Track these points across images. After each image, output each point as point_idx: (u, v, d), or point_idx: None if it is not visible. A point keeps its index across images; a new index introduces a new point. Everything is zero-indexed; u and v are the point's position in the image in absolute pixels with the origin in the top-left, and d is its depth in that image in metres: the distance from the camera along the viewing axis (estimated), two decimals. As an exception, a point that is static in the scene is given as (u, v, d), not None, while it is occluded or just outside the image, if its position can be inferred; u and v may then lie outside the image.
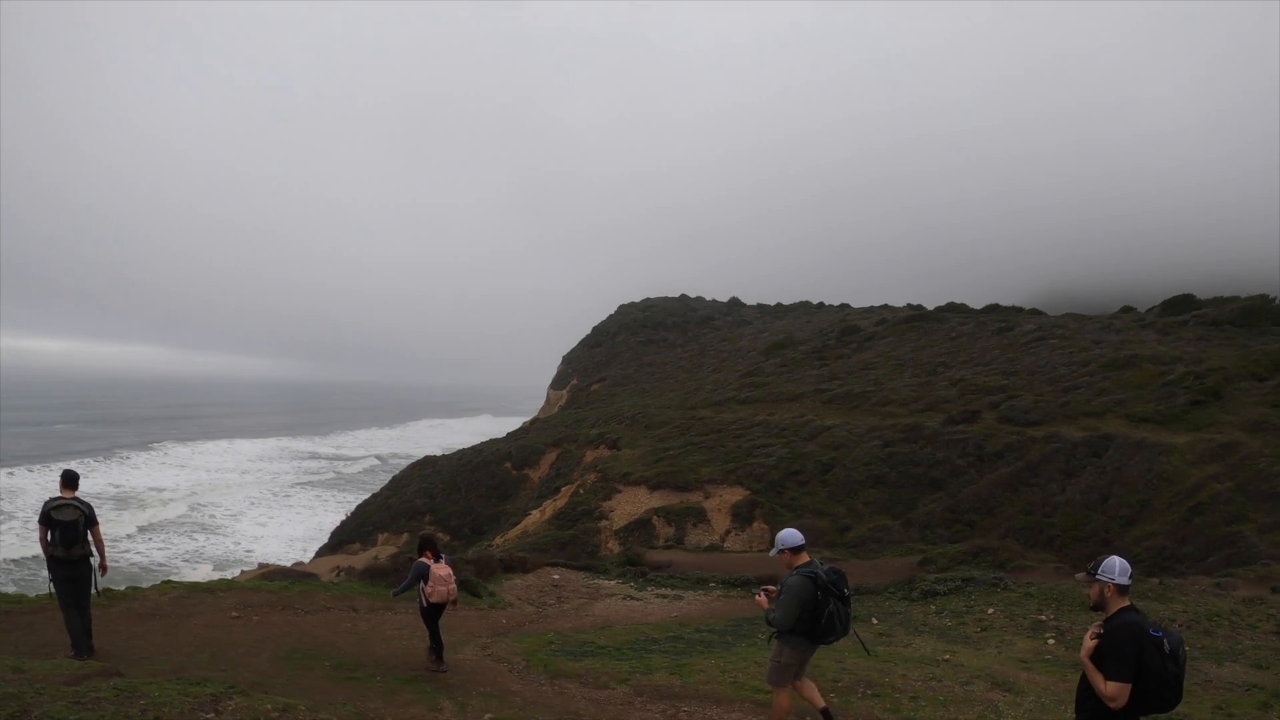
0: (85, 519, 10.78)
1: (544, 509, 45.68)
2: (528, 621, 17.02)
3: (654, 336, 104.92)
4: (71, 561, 10.76)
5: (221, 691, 8.18)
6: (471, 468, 64.66)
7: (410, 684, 10.95)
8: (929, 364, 54.69)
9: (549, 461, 59.49)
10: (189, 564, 69.67)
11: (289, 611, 15.17)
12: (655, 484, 40.60)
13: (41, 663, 9.45)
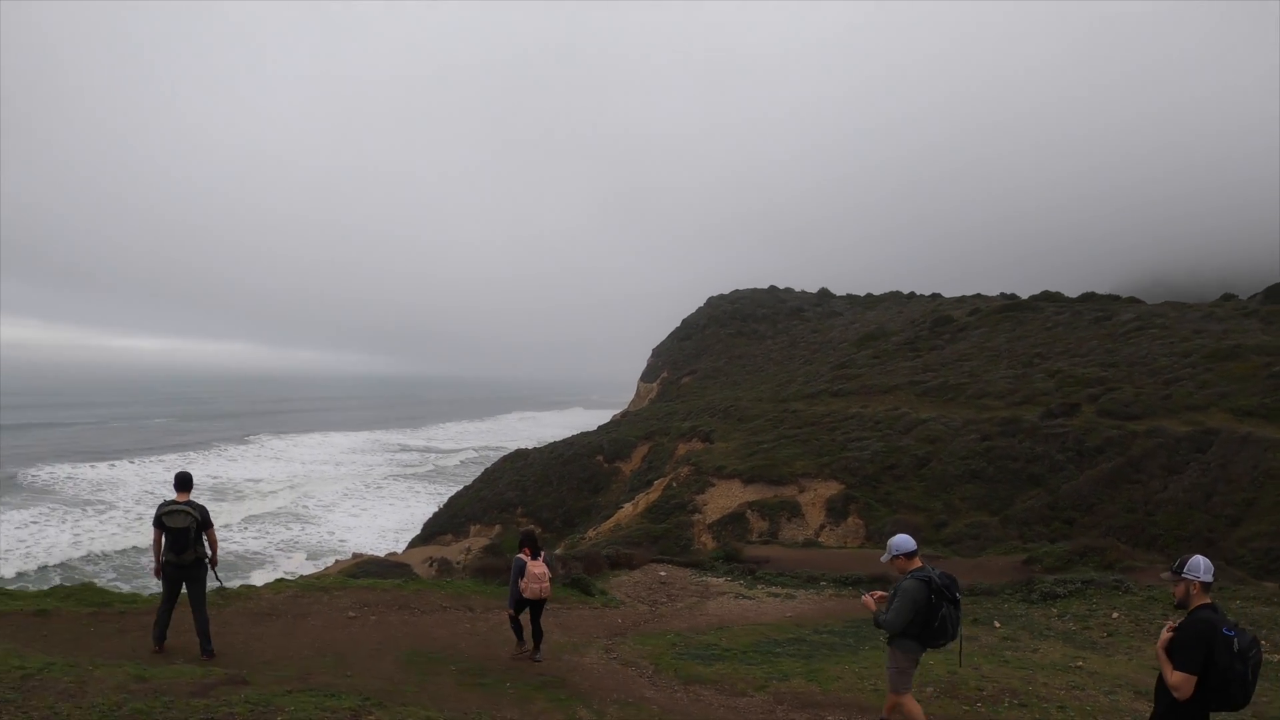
0: (197, 524, 10.75)
1: (636, 502, 45.71)
2: (643, 621, 16.72)
3: (744, 328, 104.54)
4: (183, 565, 10.75)
5: (358, 705, 8.17)
6: (563, 460, 64.93)
7: (541, 690, 10.78)
8: (1025, 355, 53.62)
9: (640, 454, 59.54)
10: (284, 553, 71.21)
11: (405, 611, 14.97)
12: (749, 477, 40.24)
13: (163, 669, 9.39)
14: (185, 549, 10.62)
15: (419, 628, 13.90)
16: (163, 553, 10.82)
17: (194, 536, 10.68)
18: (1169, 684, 6.20)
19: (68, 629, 11.72)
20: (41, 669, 8.41)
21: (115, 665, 9.06)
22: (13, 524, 75.81)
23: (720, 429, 53.78)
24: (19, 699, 7.29)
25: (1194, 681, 6.04)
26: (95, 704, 7.32)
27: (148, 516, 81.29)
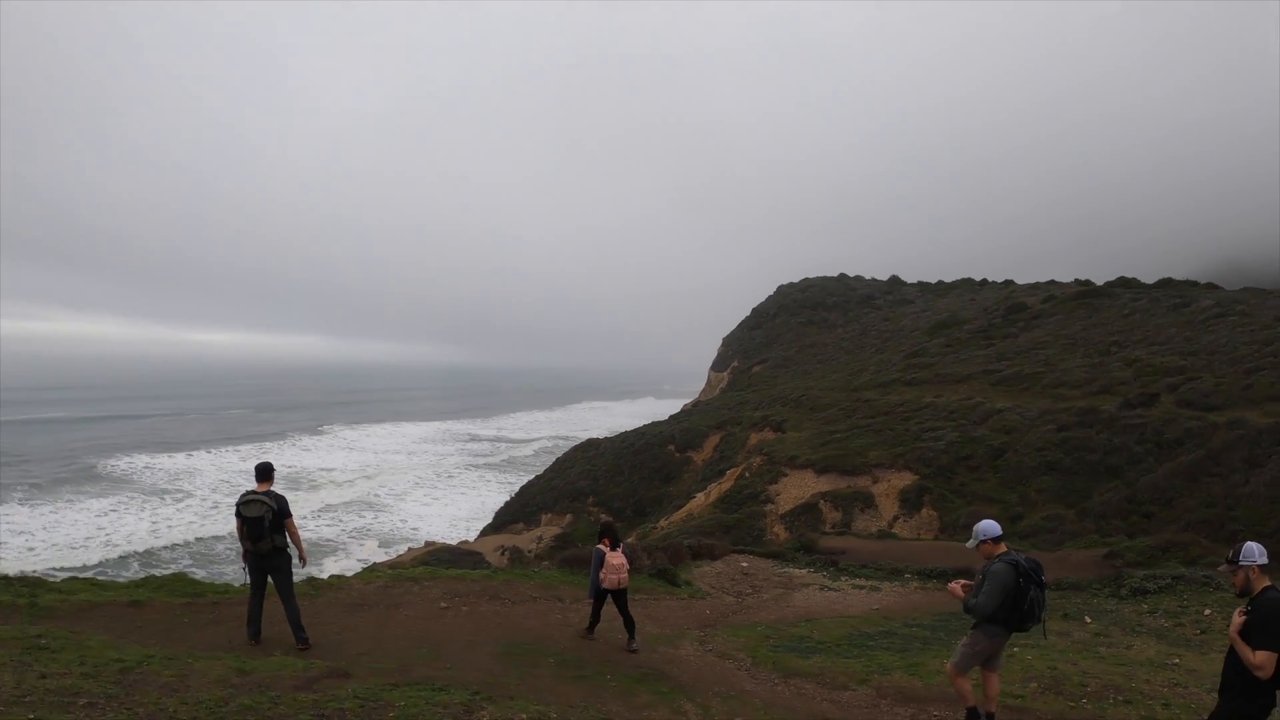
0: (274, 513, 10.69)
1: (709, 492, 45.79)
2: (730, 612, 16.54)
3: (814, 317, 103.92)
4: (260, 554, 10.78)
5: (468, 699, 8.14)
6: (634, 450, 65.13)
7: (642, 683, 10.73)
8: (1101, 343, 52.76)
9: (712, 444, 59.57)
10: (356, 540, 72.46)
11: (496, 601, 14.95)
12: (822, 467, 40.07)
13: (263, 661, 9.44)
14: (261, 538, 10.65)
15: (511, 618, 13.90)
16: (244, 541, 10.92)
17: (269, 525, 10.67)
18: (1252, 664, 6.33)
19: (162, 620, 11.81)
20: (140, 662, 8.48)
21: (214, 658, 9.19)
22: (93, 512, 78.18)
23: (792, 418, 53.64)
24: (122, 694, 7.28)
25: (1275, 659, 6.23)
26: (201, 699, 7.35)
27: (224, 505, 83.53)
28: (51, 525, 72.69)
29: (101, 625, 11.02)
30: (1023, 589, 8.19)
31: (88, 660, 8.36)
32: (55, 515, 76.38)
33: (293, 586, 11.22)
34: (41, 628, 10.02)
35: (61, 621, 10.93)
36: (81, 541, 67.40)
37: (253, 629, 11.02)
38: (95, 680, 7.60)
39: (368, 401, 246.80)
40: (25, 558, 61.36)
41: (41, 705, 6.58)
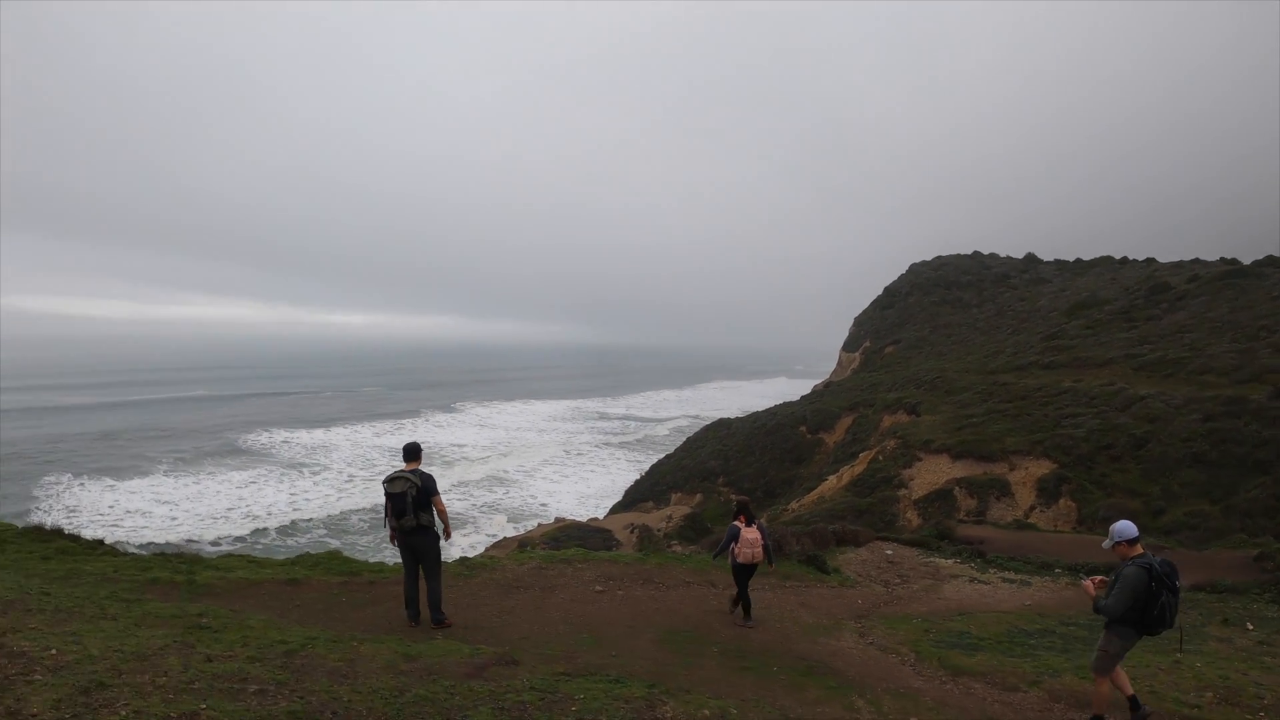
0: (418, 490, 10.75)
1: (841, 475, 45.64)
2: (881, 602, 16.21)
3: (947, 296, 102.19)
4: (404, 531, 10.88)
5: (648, 693, 8.12)
6: (766, 430, 65.20)
7: (809, 676, 10.58)
8: (1250, 327, 50.69)
9: (844, 426, 59.28)
10: (485, 515, 74.20)
11: (650, 586, 14.89)
12: (958, 453, 39.49)
13: (427, 644, 9.50)
14: (404, 514, 10.74)
15: (666, 604, 13.85)
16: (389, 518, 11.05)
17: (412, 503, 10.75)
18: None
19: (320, 599, 12.00)
20: (304, 644, 8.57)
21: (378, 641, 9.29)
22: (233, 484, 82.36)
23: (927, 401, 53.07)
24: (291, 680, 7.29)
25: None
26: (374, 688, 7.35)
27: (359, 479, 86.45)
28: (195, 496, 76.44)
29: (260, 604, 11.31)
30: (1154, 593, 8.22)
31: (251, 641, 8.48)
32: (198, 486, 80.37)
33: (439, 566, 11.39)
34: (202, 605, 10.36)
35: (221, 599, 11.28)
36: (223, 512, 70.68)
37: (411, 610, 11.26)
38: (261, 664, 7.65)
39: (499, 380, 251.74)
40: (169, 527, 64.70)
41: (210, 692, 6.57)
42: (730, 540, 12.86)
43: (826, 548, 19.94)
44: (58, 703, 5.83)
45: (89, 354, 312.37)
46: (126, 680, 6.51)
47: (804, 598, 15.29)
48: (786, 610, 13.90)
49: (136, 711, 5.86)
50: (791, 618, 13.43)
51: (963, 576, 18.53)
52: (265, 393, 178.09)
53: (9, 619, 7.89)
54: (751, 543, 12.72)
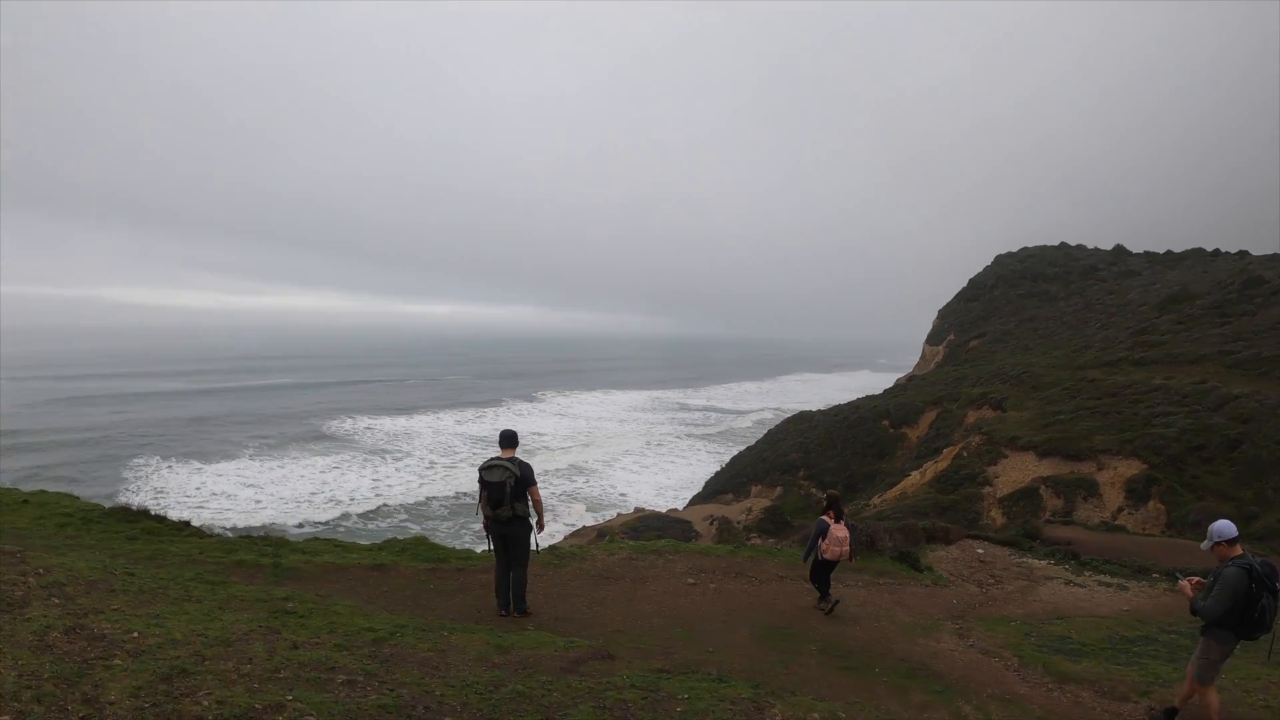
0: (516, 480, 10.52)
1: (924, 470, 45.23)
2: (977, 603, 15.75)
3: (1034, 289, 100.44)
4: (501, 521, 10.67)
5: (754, 695, 7.91)
6: (848, 424, 64.77)
7: (911, 678, 10.43)
8: (1349, 323, 49.54)
9: (928, 421, 58.72)
10: (564, 504, 74.81)
11: (742, 580, 14.60)
12: (1044, 450, 38.90)
13: (518, 635, 9.38)
14: (501, 504, 10.53)
15: (760, 598, 13.62)
16: (483, 506, 10.83)
17: (510, 493, 10.53)
18: None
19: (407, 585, 11.88)
20: (393, 633, 8.46)
21: (468, 630, 9.20)
22: (317, 469, 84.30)
23: (1013, 396, 52.34)
24: (380, 670, 7.15)
25: None
26: (468, 682, 7.19)
27: (439, 465, 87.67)
28: (279, 480, 78.22)
29: (346, 589, 11.23)
30: (1254, 595, 8.05)
31: (337, 628, 8.39)
32: (282, 470, 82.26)
33: (528, 555, 11.20)
34: (287, 589, 10.26)
35: (306, 583, 11.22)
36: (306, 496, 72.19)
37: (502, 599, 11.16)
38: (349, 653, 7.54)
39: (580, 370, 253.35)
40: (253, 510, 66.32)
41: (298, 682, 6.42)
42: (819, 535, 12.81)
43: (917, 544, 19.55)
44: (137, 690, 5.73)
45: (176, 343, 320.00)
46: (210, 667, 6.43)
47: (899, 596, 15.11)
48: (882, 608, 13.80)
49: (220, 701, 5.75)
50: (888, 616, 13.29)
51: (1057, 579, 18.01)
52: (348, 380, 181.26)
53: (92, 599, 7.88)
54: (840, 540, 12.71)
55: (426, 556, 13.53)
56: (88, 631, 6.80)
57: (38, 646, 6.23)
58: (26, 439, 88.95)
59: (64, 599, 7.65)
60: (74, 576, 8.46)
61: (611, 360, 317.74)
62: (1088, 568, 19.57)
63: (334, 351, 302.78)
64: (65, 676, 5.72)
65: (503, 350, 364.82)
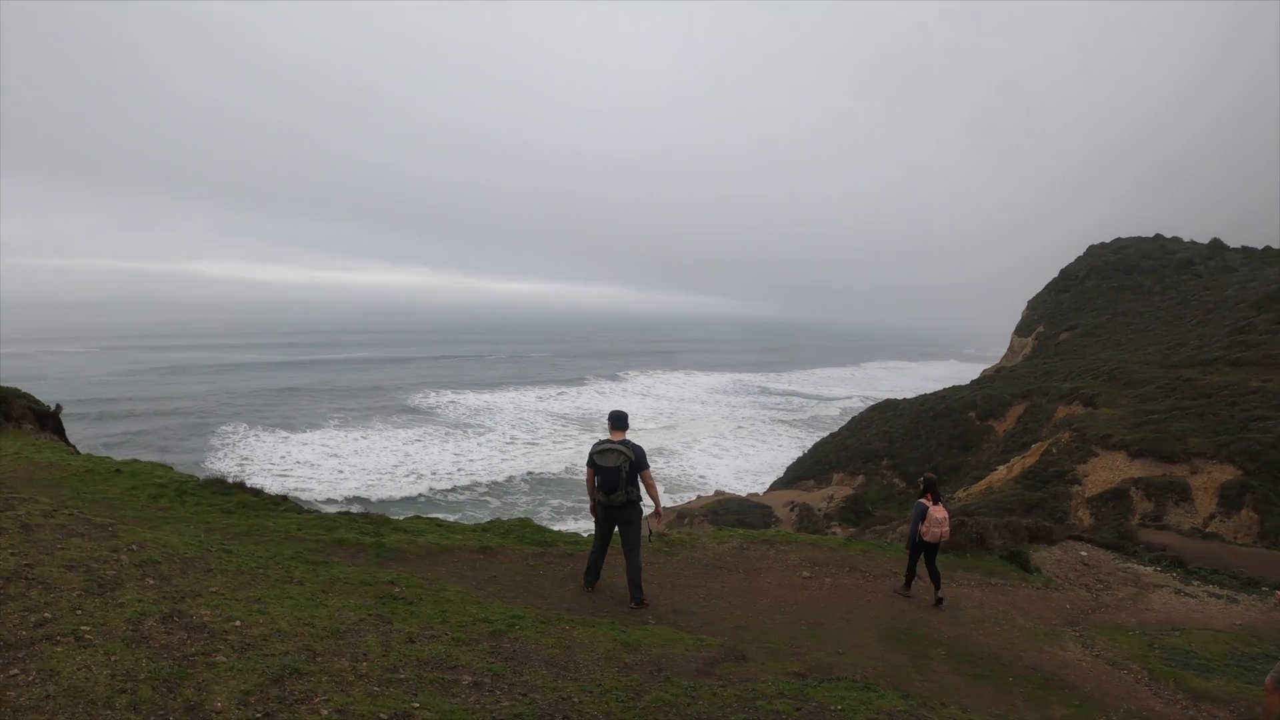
0: (630, 464, 10.27)
1: (1011, 465, 44.88)
2: (1090, 609, 15.02)
3: (1127, 282, 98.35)
4: (612, 506, 10.47)
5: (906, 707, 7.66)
6: (934, 414, 64.34)
7: (1047, 690, 10.15)
8: None
9: (1015, 414, 58.09)
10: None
11: (857, 574, 14.19)
12: (1136, 451, 38.35)
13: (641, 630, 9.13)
14: (615, 489, 10.30)
15: (877, 595, 13.28)
16: (595, 491, 10.62)
17: (625, 477, 10.28)
18: None
19: (515, 570, 11.60)
20: (510, 624, 8.24)
21: (589, 624, 8.96)
22: (399, 440, 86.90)
23: (1104, 393, 51.62)
24: (507, 671, 6.77)
25: None
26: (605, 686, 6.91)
27: (520, 440, 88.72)
28: (363, 450, 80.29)
29: (454, 572, 10.98)
30: None
31: (450, 618, 8.15)
32: (366, 442, 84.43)
33: (639, 541, 10.86)
34: (392, 572, 10.04)
35: (410, 565, 10.99)
36: (388, 469, 73.99)
37: (591, 576, 11.14)
38: (469, 648, 7.22)
39: (665, 350, 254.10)
40: (337, 480, 68.20)
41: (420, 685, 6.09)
42: (919, 518, 12.91)
43: (1021, 543, 19.24)
44: (246, 696, 5.33)
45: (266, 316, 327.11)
46: (322, 665, 6.08)
47: (1012, 598, 14.70)
48: (999, 611, 13.55)
49: (340, 710, 5.39)
50: (1007, 620, 13.07)
51: (1166, 587, 17.38)
52: (433, 356, 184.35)
53: (189, 580, 7.61)
54: (939, 521, 12.83)
55: (533, 539, 13.24)
56: (186, 619, 6.48)
57: (133, 638, 5.88)
58: (120, 406, 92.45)
59: (159, 579, 7.41)
60: (168, 554, 8.22)
61: (698, 342, 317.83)
62: (1195, 577, 18.94)
63: (419, 327, 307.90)
64: (164, 677, 5.34)
65: (588, 329, 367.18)
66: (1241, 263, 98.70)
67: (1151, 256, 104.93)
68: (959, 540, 16.49)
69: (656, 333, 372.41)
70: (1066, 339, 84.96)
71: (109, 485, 13.40)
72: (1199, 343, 61.13)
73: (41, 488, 12.14)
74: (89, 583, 6.84)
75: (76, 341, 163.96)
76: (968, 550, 16.50)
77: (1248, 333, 58.98)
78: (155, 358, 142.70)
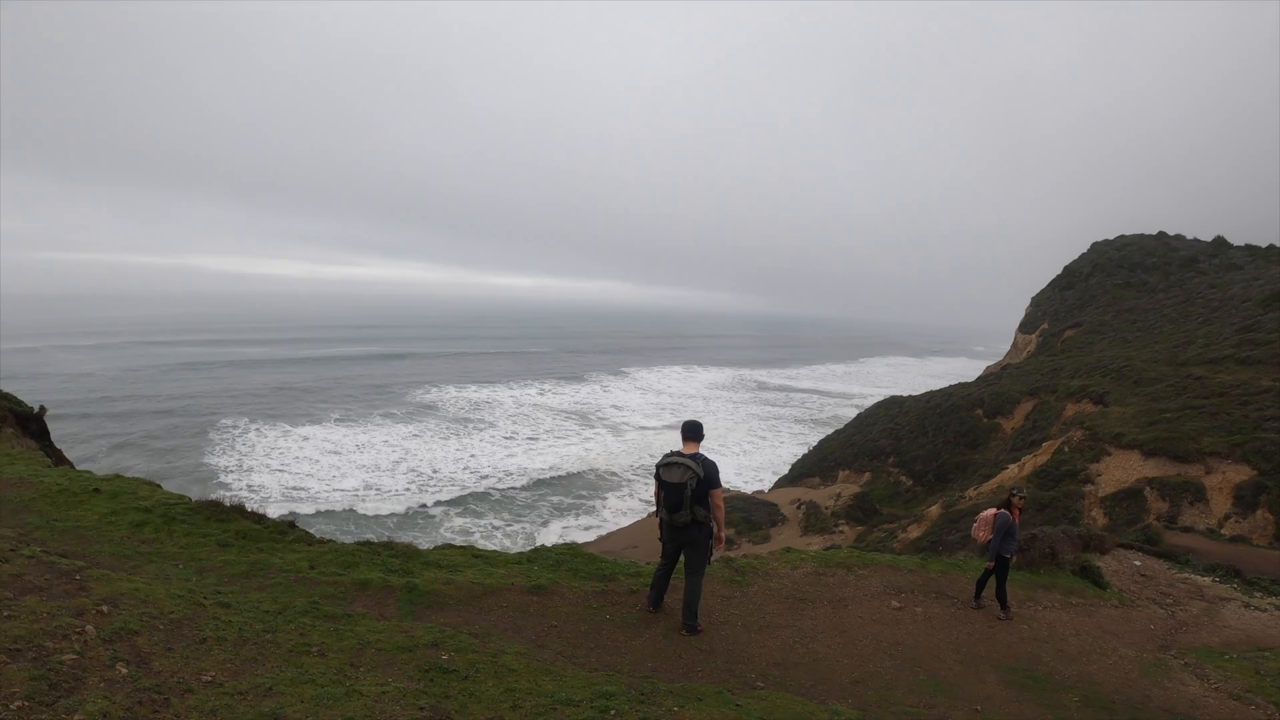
0: (699, 481, 9.29)
1: (1022, 464, 44.66)
2: (1172, 630, 14.24)
3: (1131, 279, 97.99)
4: (676, 526, 9.56)
5: None
6: (940, 411, 64.12)
7: None
8: None
9: (1024, 412, 57.85)
10: (640, 479, 75.90)
11: (946, 601, 13.10)
12: (1150, 450, 37.87)
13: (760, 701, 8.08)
14: (679, 507, 9.36)
15: (976, 628, 12.21)
16: (659, 508, 9.80)
17: (691, 495, 9.30)
18: None
19: (579, 616, 10.04)
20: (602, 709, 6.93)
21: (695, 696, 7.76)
22: (399, 436, 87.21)
23: (1114, 391, 51.27)
24: None
25: None
26: None
27: (520, 435, 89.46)
28: (363, 445, 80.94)
29: (506, 622, 9.41)
30: None
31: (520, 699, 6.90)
32: (366, 436, 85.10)
33: (704, 563, 9.86)
34: (432, 626, 8.57)
35: (452, 614, 9.38)
36: (388, 466, 74.04)
37: (654, 596, 10.37)
38: None
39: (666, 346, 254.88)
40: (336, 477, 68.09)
41: None
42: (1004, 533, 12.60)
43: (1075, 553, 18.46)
44: None
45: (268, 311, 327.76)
46: None
47: (1098, 620, 13.86)
48: (1097, 639, 12.72)
49: None
50: (1111, 650, 12.21)
51: (1232, 600, 16.64)
52: (434, 352, 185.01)
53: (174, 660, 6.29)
54: (981, 520, 12.78)
55: (589, 572, 11.67)
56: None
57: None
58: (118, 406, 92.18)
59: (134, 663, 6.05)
60: (149, 616, 6.97)
61: (699, 337, 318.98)
62: (1256, 588, 18.23)
63: (421, 322, 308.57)
64: None
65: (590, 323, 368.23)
66: (1246, 260, 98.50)
67: (1155, 254, 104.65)
68: (1032, 556, 15.95)
69: (658, 327, 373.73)
70: (1071, 336, 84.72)
71: (85, 510, 11.59)
72: (1206, 341, 60.85)
73: (6, 512, 10.95)
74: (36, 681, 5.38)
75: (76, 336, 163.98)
76: (1041, 566, 15.89)
77: (1256, 330, 58.72)
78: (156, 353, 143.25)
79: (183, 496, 12.81)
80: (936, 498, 49.77)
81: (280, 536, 11.60)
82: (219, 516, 11.76)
